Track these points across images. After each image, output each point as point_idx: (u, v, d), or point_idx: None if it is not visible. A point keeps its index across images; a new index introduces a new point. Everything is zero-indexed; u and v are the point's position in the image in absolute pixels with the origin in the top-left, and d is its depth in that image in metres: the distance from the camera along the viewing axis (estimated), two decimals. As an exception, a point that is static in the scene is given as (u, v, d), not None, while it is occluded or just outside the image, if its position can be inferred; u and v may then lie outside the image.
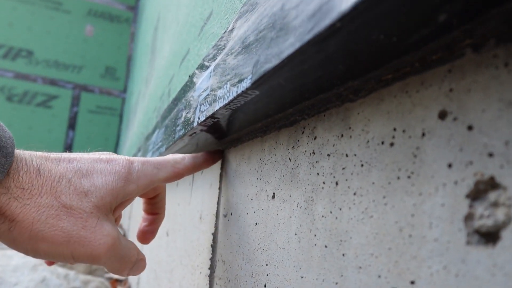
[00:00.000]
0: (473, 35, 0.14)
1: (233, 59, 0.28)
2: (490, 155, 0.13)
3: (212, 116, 0.31)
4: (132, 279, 1.26)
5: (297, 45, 0.17)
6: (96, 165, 0.30)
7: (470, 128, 0.14)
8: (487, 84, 0.14)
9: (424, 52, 0.16)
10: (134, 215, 1.38)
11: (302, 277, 0.24)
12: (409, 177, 0.17)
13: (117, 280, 1.40)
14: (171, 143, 0.49)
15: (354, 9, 0.13)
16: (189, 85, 0.45)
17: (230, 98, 0.26)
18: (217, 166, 0.46)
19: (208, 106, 0.32)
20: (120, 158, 0.31)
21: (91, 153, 0.31)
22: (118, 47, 3.68)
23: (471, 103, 0.14)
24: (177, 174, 0.35)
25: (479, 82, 0.14)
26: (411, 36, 0.15)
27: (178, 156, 0.36)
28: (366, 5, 0.13)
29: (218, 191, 0.44)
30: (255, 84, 0.23)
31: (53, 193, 0.27)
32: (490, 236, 0.13)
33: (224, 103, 0.28)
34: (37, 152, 0.29)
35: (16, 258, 0.90)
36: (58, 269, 0.92)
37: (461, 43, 0.15)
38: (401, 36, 0.15)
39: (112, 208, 0.29)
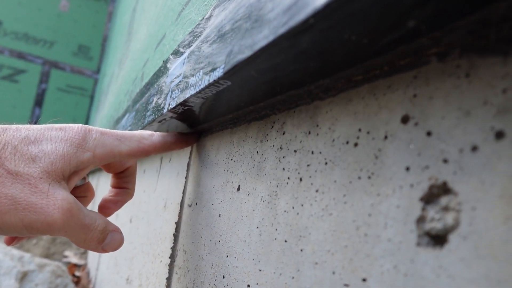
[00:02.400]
0: (439, 43, 0.14)
1: (208, 47, 0.27)
2: (445, 161, 0.14)
3: (182, 104, 0.31)
4: (91, 264, 1.23)
5: (271, 38, 0.17)
6: (46, 132, 0.28)
7: (429, 134, 0.15)
8: (448, 92, 0.14)
9: (393, 56, 0.16)
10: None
11: (260, 270, 0.24)
12: (369, 177, 0.17)
13: (75, 265, 1.37)
14: (140, 128, 0.48)
15: (327, 7, 0.13)
16: (162, 70, 0.44)
17: (202, 86, 0.26)
18: (185, 155, 0.45)
19: (179, 93, 0.32)
20: (75, 126, 0.30)
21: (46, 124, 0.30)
22: (93, 25, 3.55)
23: (432, 109, 0.15)
24: (142, 150, 0.33)
25: (441, 90, 0.14)
26: (381, 39, 0.15)
27: (146, 132, 0.35)
28: (338, 3, 0.13)
29: (184, 180, 0.43)
30: (227, 74, 0.22)
31: None
32: (438, 239, 0.13)
33: (195, 91, 0.27)
34: None
35: (-33, 236, 0.86)
36: (12, 250, 0.89)
37: (427, 51, 0.15)
38: (371, 38, 0.15)
39: (65, 175, 0.28)
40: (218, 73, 0.23)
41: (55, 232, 0.26)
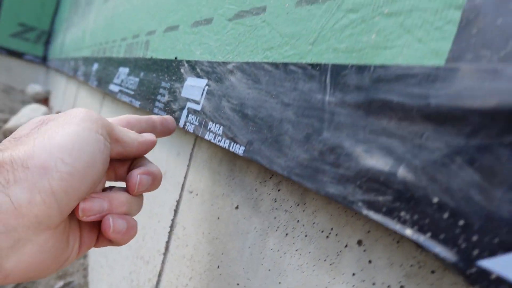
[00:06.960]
0: None
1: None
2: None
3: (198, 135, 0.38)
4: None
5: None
6: None
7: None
8: None
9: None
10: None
11: (248, 279, 0.35)
12: (331, 264, 0.27)
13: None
14: (147, 110, 0.54)
15: None
16: (175, 71, 0.49)
17: (222, 146, 0.33)
18: (188, 144, 0.53)
19: (197, 123, 0.39)
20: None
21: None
22: None
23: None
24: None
25: None
26: None
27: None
28: None
29: (186, 167, 0.51)
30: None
31: None
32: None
33: (215, 141, 0.34)
34: None
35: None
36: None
37: None
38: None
39: None
40: (240, 150, 0.31)
41: None
